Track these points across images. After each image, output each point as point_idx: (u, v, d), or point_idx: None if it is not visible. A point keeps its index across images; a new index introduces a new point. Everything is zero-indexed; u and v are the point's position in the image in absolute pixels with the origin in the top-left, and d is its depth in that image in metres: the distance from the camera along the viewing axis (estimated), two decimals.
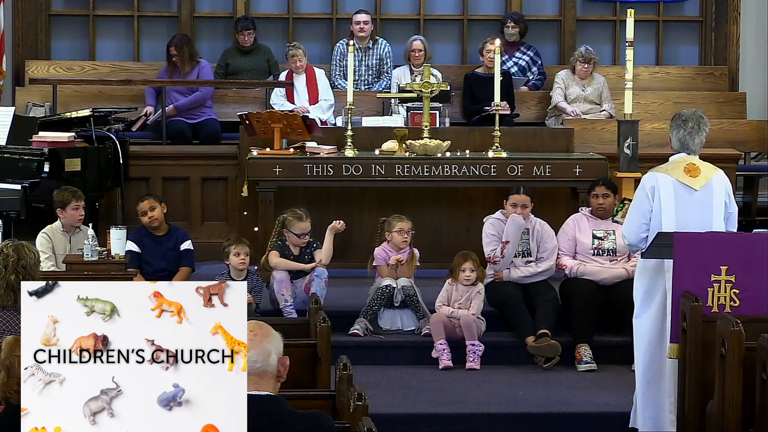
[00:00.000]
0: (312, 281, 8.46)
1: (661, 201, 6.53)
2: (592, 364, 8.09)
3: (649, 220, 6.57)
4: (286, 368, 4.09)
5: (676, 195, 6.55)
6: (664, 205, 6.53)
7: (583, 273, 8.44)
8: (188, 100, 11.20)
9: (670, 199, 6.53)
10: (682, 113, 6.90)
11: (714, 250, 7.22)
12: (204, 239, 9.94)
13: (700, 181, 6.57)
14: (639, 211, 6.62)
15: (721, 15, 12.50)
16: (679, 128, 6.71)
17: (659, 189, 6.55)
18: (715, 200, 6.63)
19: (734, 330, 6.15)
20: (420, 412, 7.24)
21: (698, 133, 6.71)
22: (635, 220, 6.62)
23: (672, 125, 6.78)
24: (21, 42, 12.13)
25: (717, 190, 6.63)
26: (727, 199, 6.72)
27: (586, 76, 11.49)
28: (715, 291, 7.17)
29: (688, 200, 6.55)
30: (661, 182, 6.57)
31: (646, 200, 6.59)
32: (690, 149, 6.70)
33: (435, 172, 9.26)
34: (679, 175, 6.58)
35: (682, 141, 6.70)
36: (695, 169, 6.59)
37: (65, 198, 8.47)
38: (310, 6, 12.60)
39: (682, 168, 6.61)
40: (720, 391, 6.33)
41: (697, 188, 6.56)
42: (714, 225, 6.66)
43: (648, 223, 6.57)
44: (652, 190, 6.57)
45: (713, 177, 6.63)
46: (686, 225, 6.54)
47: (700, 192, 6.57)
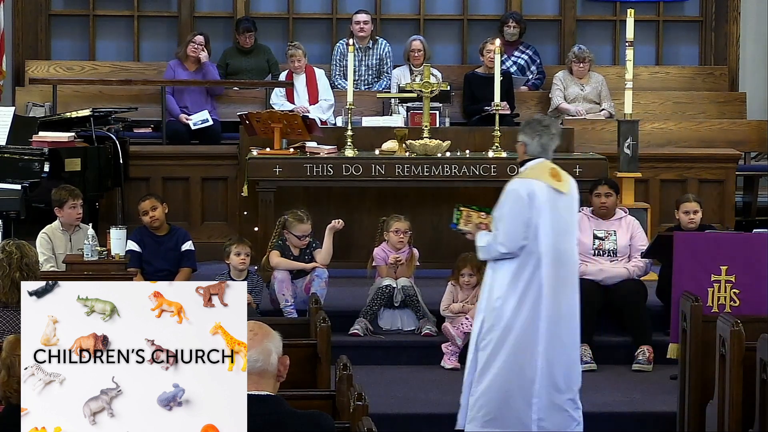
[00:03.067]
0: (312, 281, 8.47)
1: (539, 207, 6.52)
2: (592, 364, 8.10)
3: (529, 227, 6.52)
4: (286, 368, 4.09)
5: (549, 200, 6.55)
6: (540, 211, 6.52)
7: (583, 273, 8.41)
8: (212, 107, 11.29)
9: (545, 204, 6.52)
10: (542, 119, 6.89)
11: (714, 250, 7.24)
12: (204, 239, 9.94)
13: (566, 185, 6.60)
14: (520, 219, 6.51)
15: (721, 15, 12.50)
16: (542, 134, 6.67)
17: (536, 195, 6.52)
18: (575, 204, 6.68)
19: (734, 330, 6.16)
20: (420, 412, 7.24)
21: (557, 138, 6.74)
22: (517, 228, 6.51)
23: (530, 131, 6.69)
24: (21, 42, 12.13)
25: (575, 194, 6.68)
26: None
27: (583, 75, 11.49)
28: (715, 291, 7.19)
29: (559, 205, 6.57)
30: (536, 188, 6.54)
31: (526, 208, 6.51)
32: (548, 154, 6.69)
33: (435, 172, 9.26)
34: (548, 179, 6.59)
35: (544, 146, 6.66)
36: (558, 174, 6.62)
37: (62, 197, 8.47)
38: (310, 6, 12.61)
39: (547, 173, 6.60)
40: (720, 391, 6.34)
41: (565, 191, 6.58)
42: (575, 228, 6.72)
43: (528, 230, 6.51)
44: (530, 196, 6.52)
45: (571, 181, 6.67)
46: (558, 229, 6.54)
47: (567, 196, 6.59)
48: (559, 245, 6.53)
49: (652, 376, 7.98)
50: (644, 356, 8.12)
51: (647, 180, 10.25)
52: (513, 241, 6.50)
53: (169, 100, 11.17)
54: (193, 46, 11.30)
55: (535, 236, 6.49)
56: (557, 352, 6.51)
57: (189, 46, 11.32)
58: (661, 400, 7.44)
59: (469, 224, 7.14)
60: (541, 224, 6.50)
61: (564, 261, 6.55)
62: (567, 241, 6.59)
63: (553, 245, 6.49)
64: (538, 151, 6.66)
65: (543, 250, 6.48)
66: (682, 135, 11.21)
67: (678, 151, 10.79)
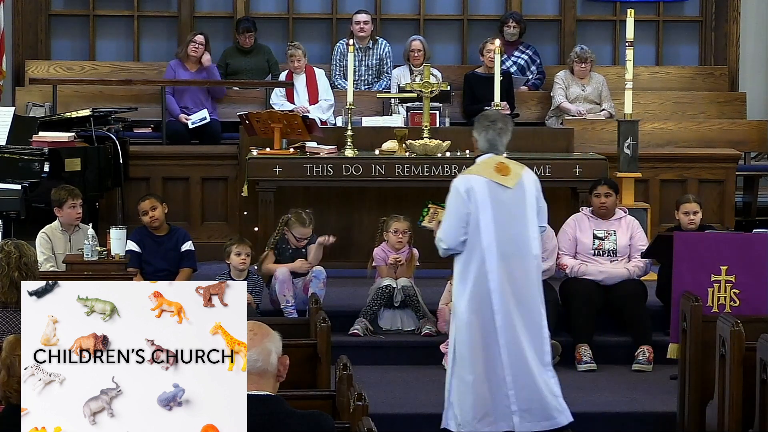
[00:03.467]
0: (310, 282, 8.47)
1: (478, 202, 6.55)
2: (592, 364, 8.10)
3: (467, 223, 6.55)
4: (286, 367, 4.09)
5: (491, 195, 6.57)
6: (480, 206, 6.55)
7: (583, 273, 8.44)
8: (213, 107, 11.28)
9: (485, 199, 6.55)
10: (488, 114, 6.91)
11: (714, 250, 7.24)
12: (204, 239, 9.94)
13: (513, 179, 6.60)
14: (457, 215, 6.58)
15: (721, 15, 12.50)
16: (488, 129, 6.70)
17: (474, 191, 6.56)
18: (527, 197, 6.65)
19: (734, 330, 6.16)
20: (420, 412, 7.24)
21: (506, 133, 6.73)
22: (454, 224, 6.58)
23: (478, 126, 6.75)
24: (21, 42, 12.13)
25: (528, 187, 6.65)
26: (538, 195, 6.71)
27: (584, 75, 11.49)
28: (715, 291, 7.18)
29: (503, 199, 6.59)
30: (475, 184, 6.58)
31: (463, 204, 6.57)
32: (498, 149, 6.71)
33: (435, 172, 9.26)
34: (492, 175, 6.60)
35: (491, 141, 6.70)
36: (506, 168, 6.62)
37: (62, 197, 8.48)
38: (310, 6, 12.61)
39: (492, 168, 6.63)
40: (720, 391, 6.34)
41: (511, 186, 6.59)
42: (528, 221, 6.64)
43: (466, 226, 6.56)
44: (468, 192, 6.56)
45: (523, 174, 6.66)
46: (503, 224, 6.57)
47: (513, 190, 6.59)
48: (507, 239, 6.55)
49: (652, 376, 7.98)
50: (644, 356, 8.11)
51: (647, 180, 10.24)
52: (450, 237, 6.59)
53: (169, 100, 11.16)
54: (194, 45, 11.31)
55: (477, 231, 6.55)
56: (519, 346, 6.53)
57: (190, 46, 11.33)
58: (661, 400, 7.44)
59: (433, 221, 7.17)
60: (482, 219, 6.55)
61: (515, 254, 6.57)
62: (517, 234, 6.59)
63: (497, 239, 6.53)
64: (486, 146, 6.72)
65: (485, 245, 6.53)
66: (682, 135, 11.21)
67: (678, 151, 10.79)
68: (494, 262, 6.53)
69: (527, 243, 6.61)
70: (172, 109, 11.16)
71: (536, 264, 6.67)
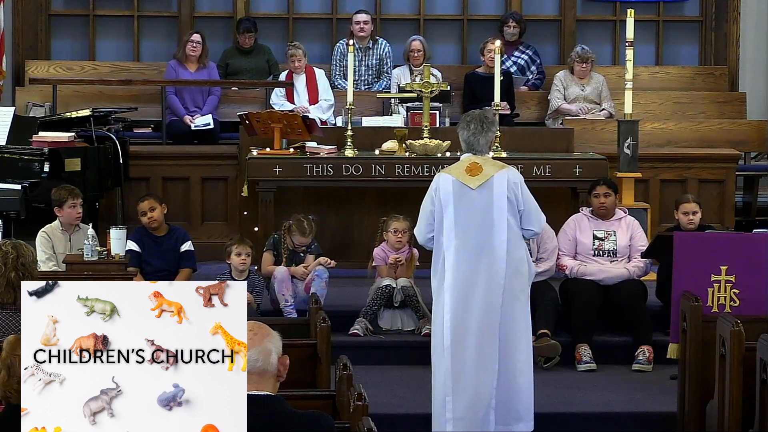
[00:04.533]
0: (312, 281, 8.47)
1: (442, 200, 6.67)
2: (591, 364, 8.10)
3: (434, 220, 6.67)
4: (286, 367, 4.09)
5: (454, 194, 6.66)
6: (444, 204, 6.67)
7: (583, 273, 8.44)
8: (211, 107, 11.24)
9: (449, 197, 6.65)
10: (468, 114, 6.96)
11: (714, 250, 7.24)
12: (204, 239, 9.95)
13: (478, 180, 6.66)
14: (424, 212, 6.77)
15: (721, 15, 12.50)
16: (464, 130, 6.84)
17: (440, 189, 6.68)
18: (495, 198, 6.66)
19: (734, 330, 6.16)
20: (420, 412, 7.23)
21: (483, 133, 6.78)
22: (422, 221, 6.78)
23: (459, 126, 6.92)
24: (21, 42, 12.13)
25: (497, 188, 6.66)
26: (514, 197, 6.69)
27: (585, 75, 11.49)
28: (715, 291, 7.18)
29: (467, 199, 6.66)
30: (441, 182, 6.71)
31: (430, 201, 6.74)
32: (476, 149, 6.79)
33: (435, 172, 9.22)
34: (460, 174, 6.70)
35: (467, 142, 6.82)
36: (476, 168, 6.68)
37: (62, 196, 8.48)
38: (310, 6, 12.61)
39: (464, 168, 6.73)
40: (720, 391, 6.34)
41: (473, 187, 6.65)
42: (495, 222, 6.64)
43: (433, 223, 6.70)
44: (436, 191, 6.71)
45: (495, 176, 6.67)
46: (466, 223, 6.63)
47: (477, 191, 6.63)
48: (471, 240, 6.61)
49: (652, 376, 7.98)
50: (644, 356, 8.12)
51: (647, 180, 10.25)
52: (419, 233, 6.80)
53: (173, 101, 11.17)
54: (192, 45, 11.31)
55: (441, 229, 6.66)
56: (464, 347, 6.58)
57: (188, 46, 11.33)
58: (661, 400, 7.44)
59: None
60: (446, 217, 6.64)
61: (477, 254, 6.60)
62: (482, 236, 6.62)
63: (457, 238, 6.60)
64: (464, 146, 6.86)
65: (446, 244, 6.61)
66: (682, 135, 11.21)
67: (678, 151, 10.79)
68: (451, 261, 6.61)
69: (490, 243, 6.62)
70: (176, 109, 11.16)
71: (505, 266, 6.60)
